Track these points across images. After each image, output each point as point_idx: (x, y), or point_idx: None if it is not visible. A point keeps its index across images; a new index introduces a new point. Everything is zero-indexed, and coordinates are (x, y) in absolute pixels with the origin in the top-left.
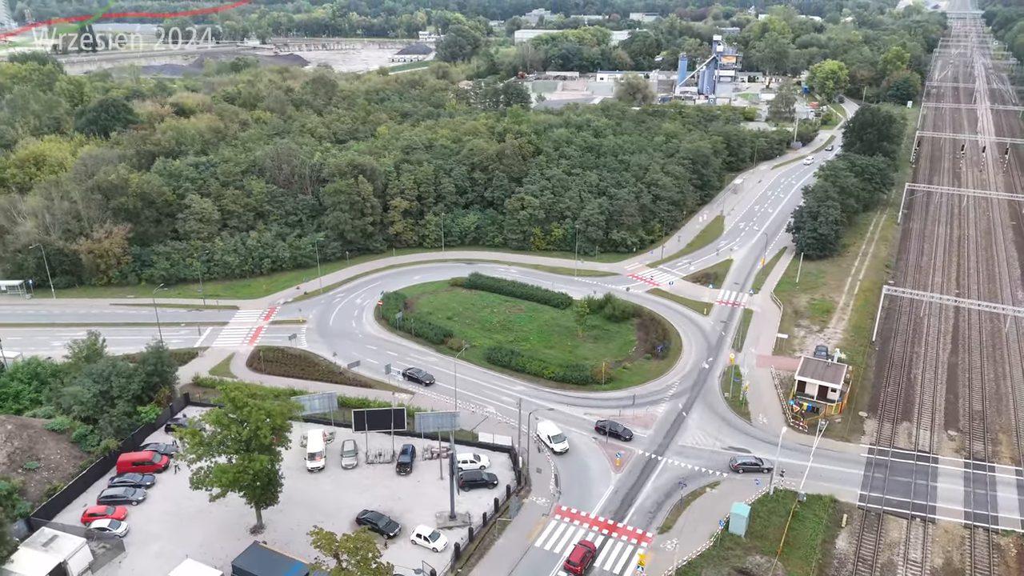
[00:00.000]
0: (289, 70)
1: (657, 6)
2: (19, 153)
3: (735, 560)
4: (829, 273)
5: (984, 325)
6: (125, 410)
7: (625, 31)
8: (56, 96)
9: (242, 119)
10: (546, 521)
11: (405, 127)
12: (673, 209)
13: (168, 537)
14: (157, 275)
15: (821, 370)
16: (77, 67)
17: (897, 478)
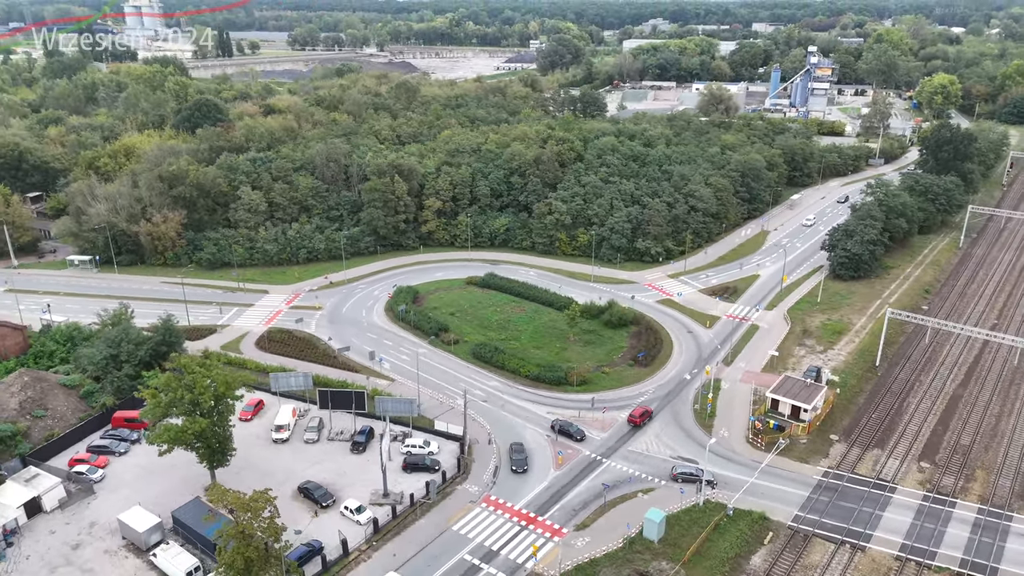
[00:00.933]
0: (387, 76)
1: (784, 16)
2: (114, 145)
3: (639, 563)
4: (858, 295)
5: (1011, 360)
6: (129, 373)
7: (733, 42)
8: (165, 95)
9: (316, 119)
10: (471, 508)
11: (461, 132)
12: (710, 221)
13: (134, 486)
14: (205, 258)
15: (796, 389)
16: (206, 71)
17: (843, 503)
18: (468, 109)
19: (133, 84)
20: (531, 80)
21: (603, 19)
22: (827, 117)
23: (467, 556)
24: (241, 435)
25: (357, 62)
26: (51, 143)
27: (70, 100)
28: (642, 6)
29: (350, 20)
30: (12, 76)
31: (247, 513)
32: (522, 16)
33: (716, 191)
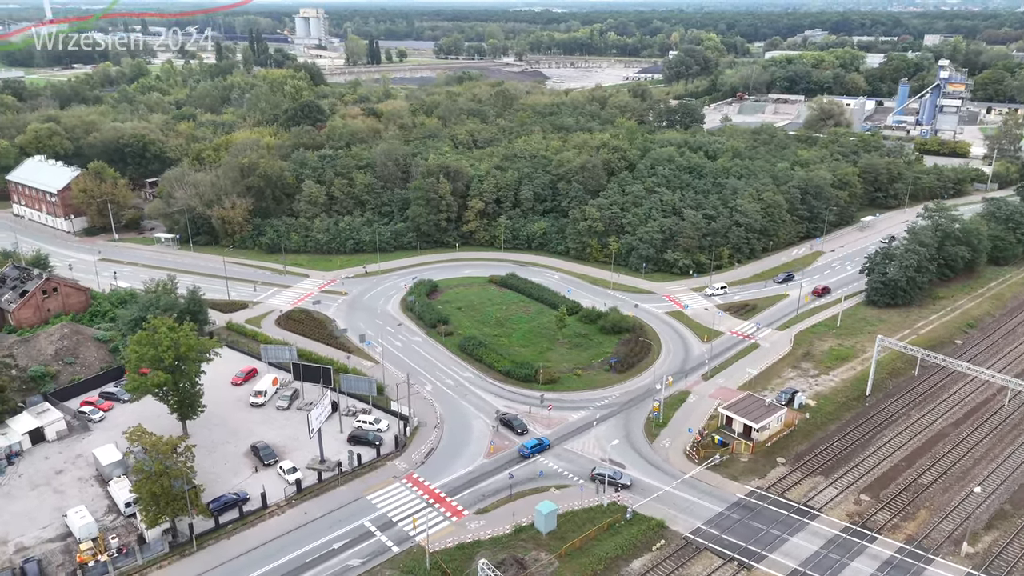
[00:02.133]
0: (502, 83)
1: (963, 27)
2: (220, 139)
3: (519, 551)
4: (888, 323)
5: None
6: None
7: (881, 54)
8: (282, 98)
9: (402, 123)
10: (392, 482)
11: (534, 139)
12: (753, 237)
13: (114, 427)
14: (265, 243)
15: (752, 408)
16: (343, 77)
17: (753, 523)
18: (559, 117)
19: (257, 88)
20: (641, 90)
21: (756, 30)
22: (958, 136)
23: (367, 523)
24: (228, 397)
25: (489, 70)
26: (176, 136)
27: (207, 100)
28: (801, 16)
29: (492, 31)
30: (183, 77)
31: (155, 453)
32: (671, 27)
33: (766, 207)
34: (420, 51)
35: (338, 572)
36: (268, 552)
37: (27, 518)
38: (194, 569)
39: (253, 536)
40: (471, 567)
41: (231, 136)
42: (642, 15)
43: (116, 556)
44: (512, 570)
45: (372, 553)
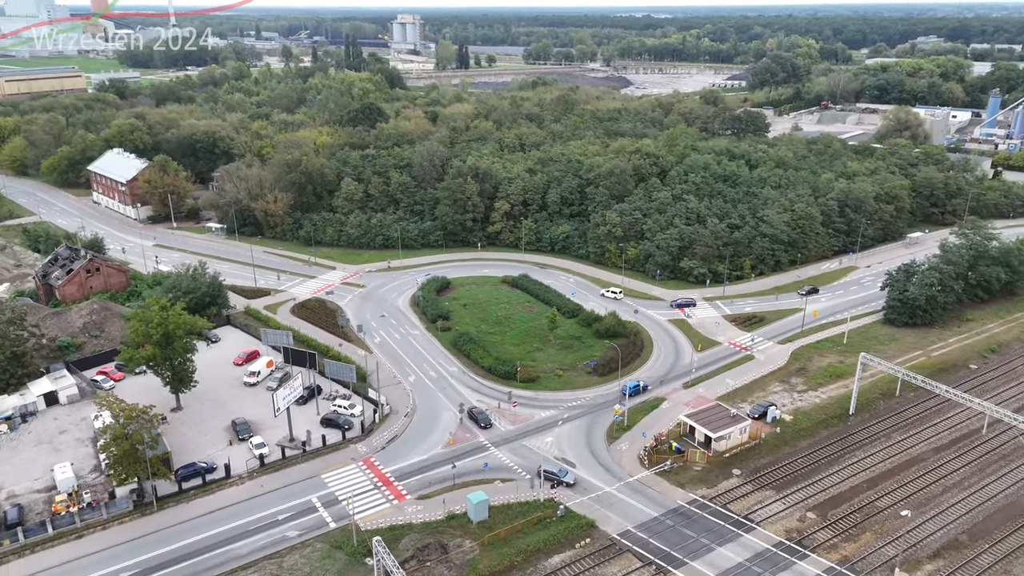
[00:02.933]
0: (575, 89)
1: None
2: (280, 137)
3: (446, 536)
4: (900, 343)
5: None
6: None
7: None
8: (350, 99)
9: (453, 126)
10: (348, 464)
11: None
12: (779, 249)
13: (121, 395)
14: (302, 235)
15: (715, 419)
16: (422, 81)
17: (685, 530)
18: (616, 123)
19: (326, 90)
20: (713, 97)
21: (864, 36)
22: None
23: (314, 499)
24: (228, 375)
25: (572, 76)
26: (247, 133)
27: (283, 100)
28: (916, 22)
29: (580, 36)
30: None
31: (120, 417)
32: (772, 32)
33: (797, 218)
34: (510, 56)
35: (275, 541)
36: (219, 517)
37: (24, 470)
38: (150, 527)
39: (211, 502)
40: (395, 547)
41: (292, 134)
42: (745, 20)
43: (84, 509)
44: (436, 554)
45: (310, 527)
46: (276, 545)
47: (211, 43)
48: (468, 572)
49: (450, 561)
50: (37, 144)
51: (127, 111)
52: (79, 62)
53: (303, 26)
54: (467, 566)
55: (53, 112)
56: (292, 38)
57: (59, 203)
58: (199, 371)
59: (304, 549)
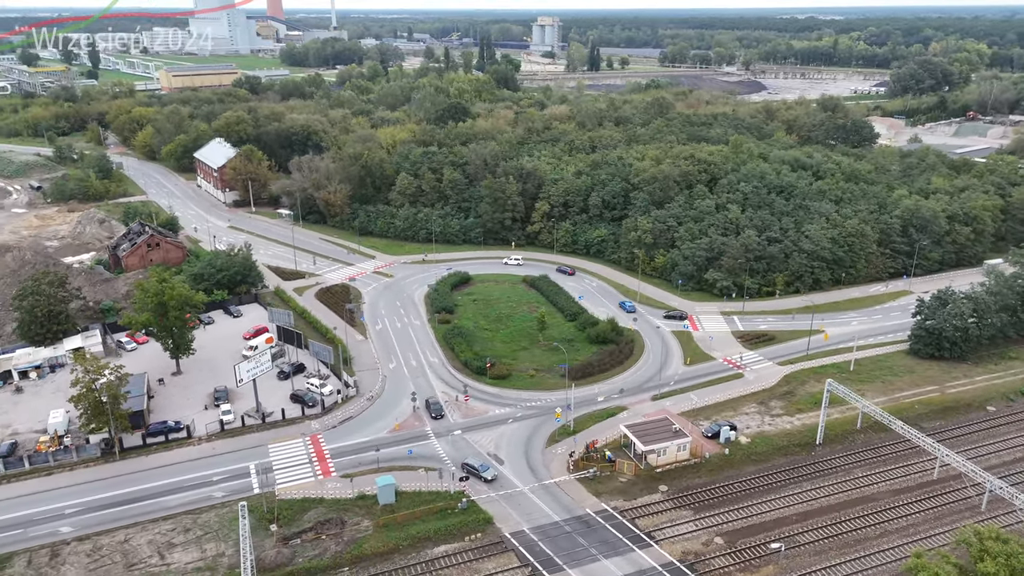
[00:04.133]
0: (688, 93)
1: None
2: (363, 131)
3: (348, 513)
4: (916, 375)
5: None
6: (204, 288)
7: None
8: (447, 99)
9: (529, 126)
10: (296, 437)
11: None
12: (819, 266)
13: (141, 357)
14: (357, 225)
15: (655, 432)
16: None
17: (579, 538)
18: (708, 128)
19: (423, 89)
20: (833, 104)
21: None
22: None
23: (252, 466)
24: (234, 347)
25: (701, 79)
26: (338, 128)
27: (389, 98)
28: None
29: (721, 39)
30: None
31: (88, 373)
32: (944, 35)
33: (845, 235)
34: (647, 59)
35: (202, 498)
36: (167, 472)
37: (35, 413)
38: (107, 473)
39: (167, 458)
40: (301, 518)
41: (379, 130)
42: (917, 22)
43: (59, 451)
44: (334, 528)
45: (237, 490)
46: (201, 502)
47: (365, 44)
48: (353, 549)
49: (341, 537)
50: (162, 132)
51: (243, 105)
52: (248, 60)
53: (455, 28)
54: (354, 543)
55: (188, 104)
56: (444, 39)
57: (169, 185)
58: (213, 342)
59: (222, 509)
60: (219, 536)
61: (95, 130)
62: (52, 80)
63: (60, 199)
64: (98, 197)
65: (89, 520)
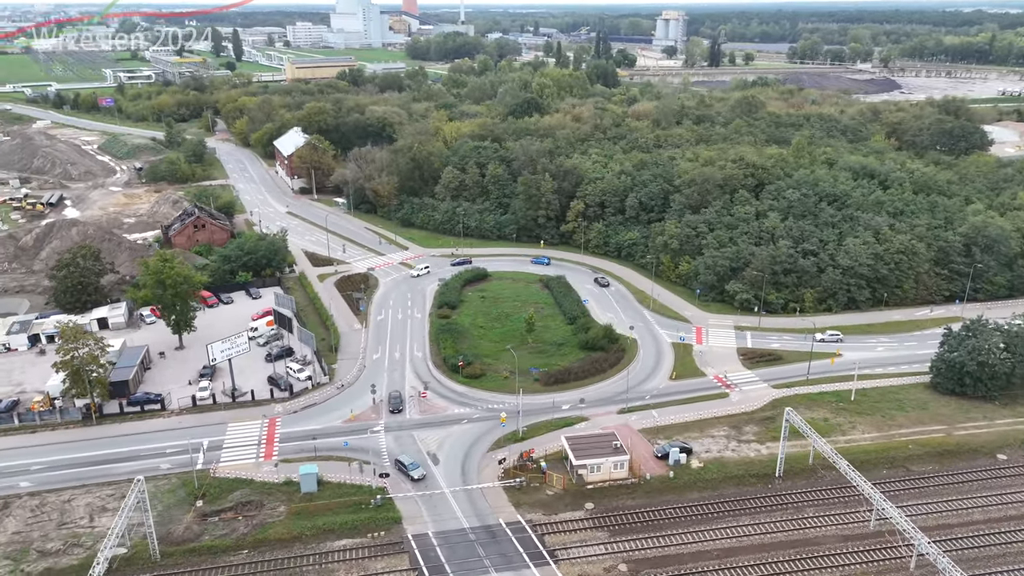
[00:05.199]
0: (795, 93)
1: None
2: (432, 124)
3: (269, 497)
4: (927, 412)
5: None
6: (230, 268)
7: None
8: (527, 93)
9: (596, 123)
10: (257, 419)
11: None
12: (859, 285)
13: (157, 330)
14: (401, 216)
15: (593, 447)
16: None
17: (479, 547)
18: (796, 129)
19: (504, 84)
20: (955, 106)
21: None
22: None
23: (206, 441)
24: (241, 328)
25: (826, 77)
26: (414, 120)
27: (476, 92)
28: None
29: (856, 33)
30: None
31: (68, 342)
32: None
33: (893, 252)
34: (777, 54)
35: (149, 468)
36: (131, 440)
37: (46, 375)
38: (81, 436)
39: (137, 427)
40: (227, 496)
41: (446, 123)
42: None
43: (46, 411)
44: (253, 511)
45: (181, 464)
46: (145, 472)
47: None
48: (259, 533)
49: (253, 520)
50: (254, 120)
51: (333, 96)
52: (376, 54)
53: (586, 22)
54: (262, 527)
55: (289, 95)
56: (572, 34)
57: (252, 170)
58: (225, 321)
59: (160, 480)
60: (145, 506)
61: (207, 117)
62: (191, 70)
63: (152, 180)
64: (184, 179)
65: (48, 478)
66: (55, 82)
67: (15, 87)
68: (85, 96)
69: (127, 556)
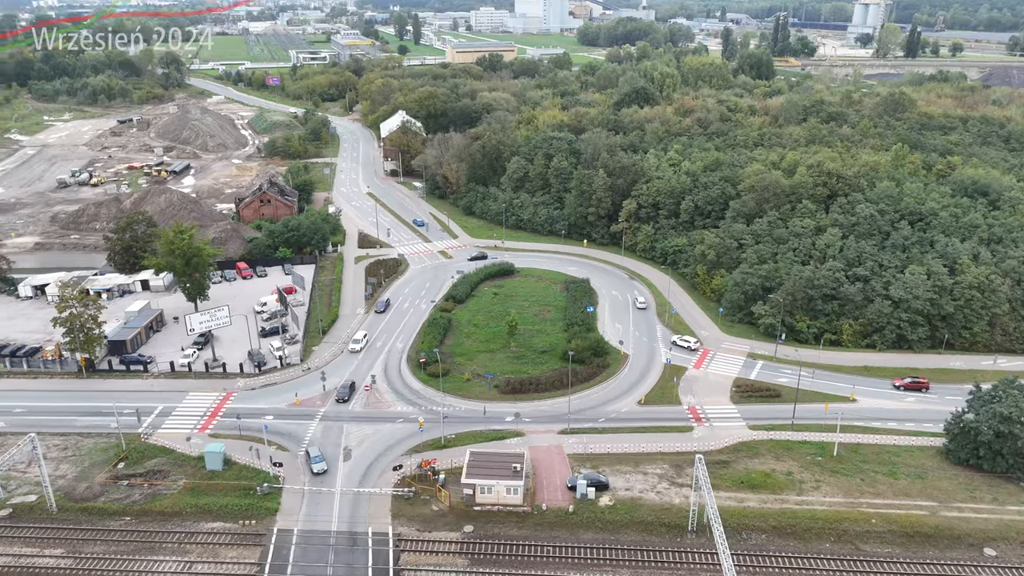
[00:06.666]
0: (975, 91)
1: None
2: (528, 113)
3: (176, 469)
4: (922, 482)
5: None
6: (272, 243)
7: None
8: (648, 83)
9: (699, 117)
10: (214, 391)
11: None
12: (911, 321)
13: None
14: (464, 205)
15: (491, 467)
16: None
17: (329, 554)
18: (942, 134)
19: (629, 73)
20: None
21: None
22: None
23: (162, 406)
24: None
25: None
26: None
27: (601, 82)
28: None
29: None
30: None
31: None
32: None
33: (965, 286)
34: (999, 44)
35: (100, 424)
36: (106, 396)
37: None
38: (69, 387)
39: (116, 384)
40: (145, 462)
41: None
42: None
43: (54, 360)
44: (158, 479)
45: (126, 425)
46: (95, 428)
47: (671, 24)
48: (147, 503)
49: (147, 487)
50: (374, 102)
51: (452, 81)
52: (551, 39)
53: (784, 7)
54: (153, 498)
55: (420, 79)
56: (767, 19)
57: (361, 151)
58: (249, 292)
59: (101, 438)
60: (75, 461)
61: (349, 98)
62: (363, 53)
63: (270, 155)
64: (296, 155)
65: (22, 421)
66: (248, 61)
67: (215, 65)
68: (258, 75)
69: (31, 505)
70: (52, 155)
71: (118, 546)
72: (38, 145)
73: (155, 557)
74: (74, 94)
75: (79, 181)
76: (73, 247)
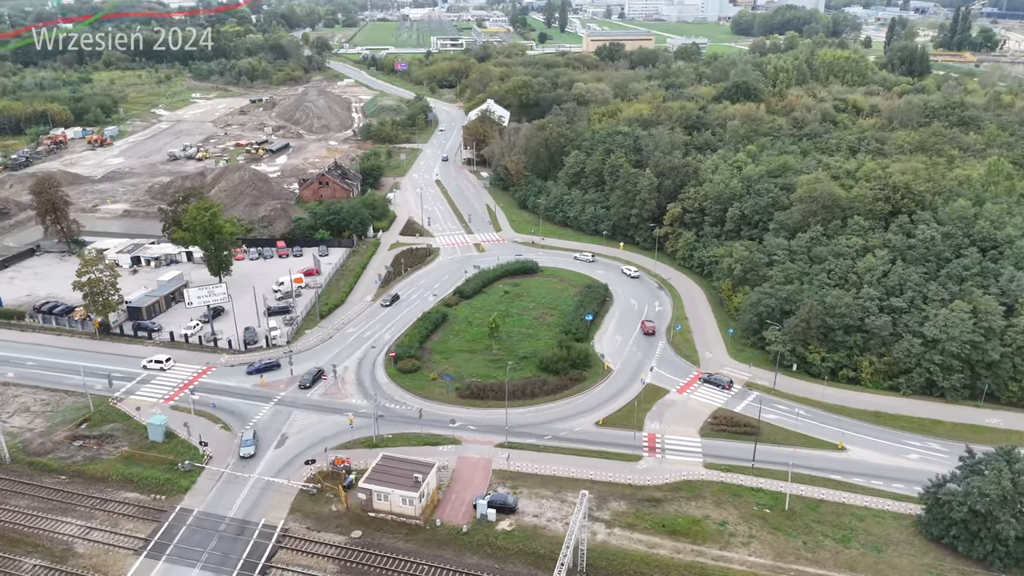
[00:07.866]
0: None
1: None
2: (612, 106)
3: (123, 437)
4: (878, 555)
5: None
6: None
7: None
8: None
9: (796, 117)
10: (198, 364)
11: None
12: (945, 365)
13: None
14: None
15: (395, 474)
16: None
17: (213, 539)
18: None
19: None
20: None
21: None
22: None
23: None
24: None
25: None
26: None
27: (716, 73)
28: None
29: None
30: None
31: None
32: None
33: (1021, 330)
34: None
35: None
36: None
37: (130, 288)
38: (82, 346)
39: (119, 348)
40: (102, 426)
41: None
42: None
43: (76, 320)
44: (105, 443)
45: (108, 389)
46: (77, 387)
47: (850, 12)
48: (84, 465)
49: (95, 448)
50: (473, 90)
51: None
52: (703, 28)
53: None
54: (88, 461)
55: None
56: (972, 6)
57: (450, 138)
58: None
59: (80, 398)
60: (49, 416)
61: (462, 85)
62: (498, 40)
63: (365, 138)
64: (386, 140)
65: (27, 374)
66: (392, 46)
67: (359, 50)
68: (388, 60)
69: None
70: (180, 130)
71: (40, 502)
72: (173, 120)
73: (62, 519)
74: (224, 74)
75: (187, 155)
76: (154, 216)
